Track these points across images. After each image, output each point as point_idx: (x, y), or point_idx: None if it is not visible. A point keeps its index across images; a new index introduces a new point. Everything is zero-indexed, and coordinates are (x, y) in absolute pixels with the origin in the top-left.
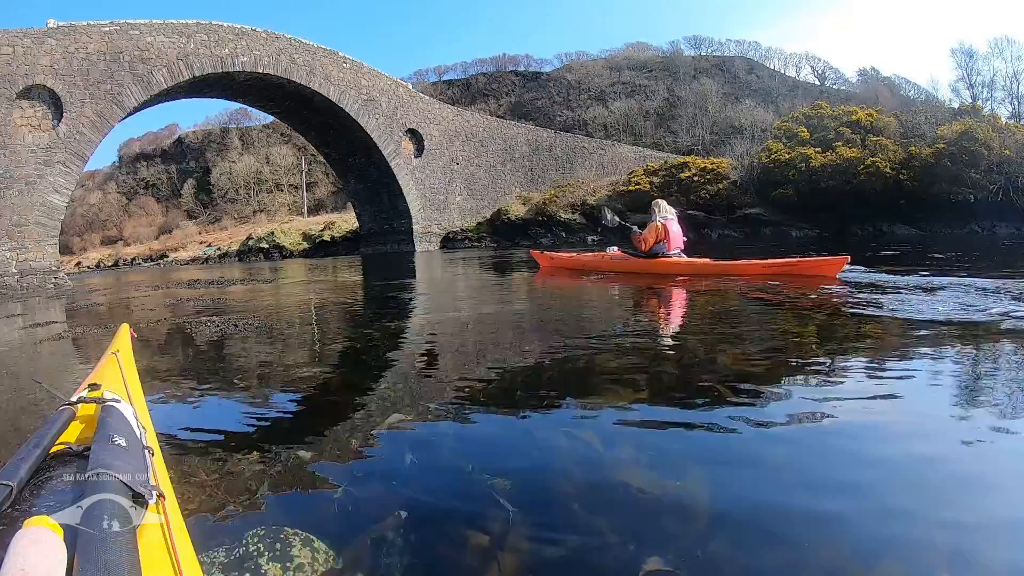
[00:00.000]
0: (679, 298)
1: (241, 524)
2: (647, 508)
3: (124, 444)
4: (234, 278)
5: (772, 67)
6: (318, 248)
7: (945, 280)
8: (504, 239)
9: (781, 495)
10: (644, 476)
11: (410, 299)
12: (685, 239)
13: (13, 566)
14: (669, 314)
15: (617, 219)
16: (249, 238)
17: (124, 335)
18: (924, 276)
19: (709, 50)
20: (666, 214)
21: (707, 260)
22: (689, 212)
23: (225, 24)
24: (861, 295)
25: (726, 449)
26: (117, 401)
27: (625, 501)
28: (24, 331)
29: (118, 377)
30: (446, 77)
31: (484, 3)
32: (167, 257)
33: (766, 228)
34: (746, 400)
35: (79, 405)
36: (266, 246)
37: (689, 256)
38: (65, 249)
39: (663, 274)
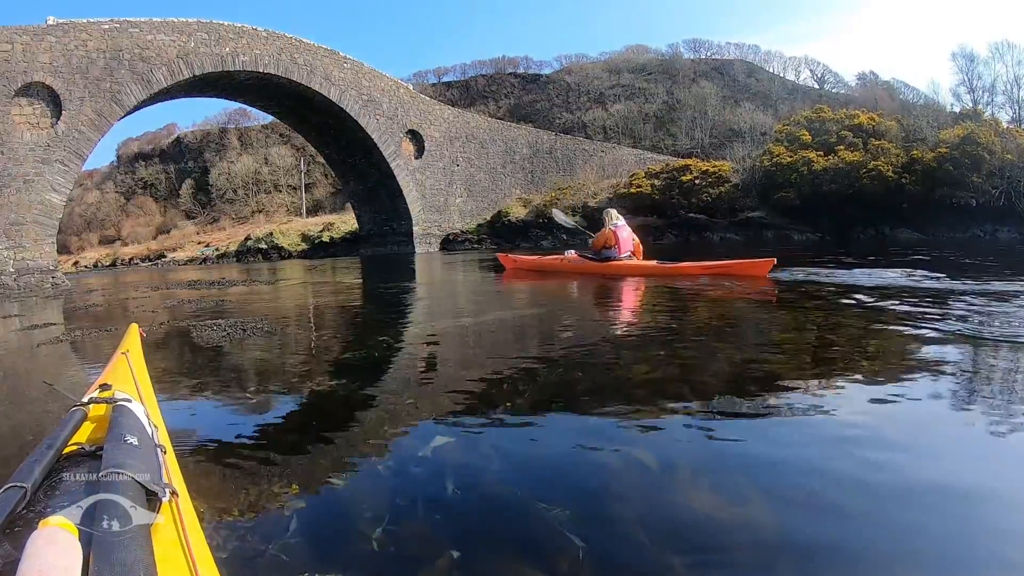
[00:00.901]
0: (672, 301)
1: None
2: (717, 538)
3: (136, 443)
4: (235, 279)
5: (771, 70)
6: (317, 249)
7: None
8: (505, 241)
9: (852, 519)
10: (707, 500)
11: (418, 303)
12: (635, 242)
13: (30, 567)
14: (671, 317)
15: (571, 220)
16: (247, 239)
17: (133, 335)
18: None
19: (708, 53)
20: (616, 222)
21: (654, 262)
22: (691, 215)
23: (226, 23)
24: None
25: (782, 465)
26: (128, 401)
27: (693, 530)
28: (22, 333)
29: (128, 377)
30: (445, 79)
31: (484, 5)
32: (165, 257)
33: (768, 231)
34: (788, 408)
35: (90, 406)
36: (264, 247)
37: (641, 259)
38: (63, 248)
39: (615, 275)
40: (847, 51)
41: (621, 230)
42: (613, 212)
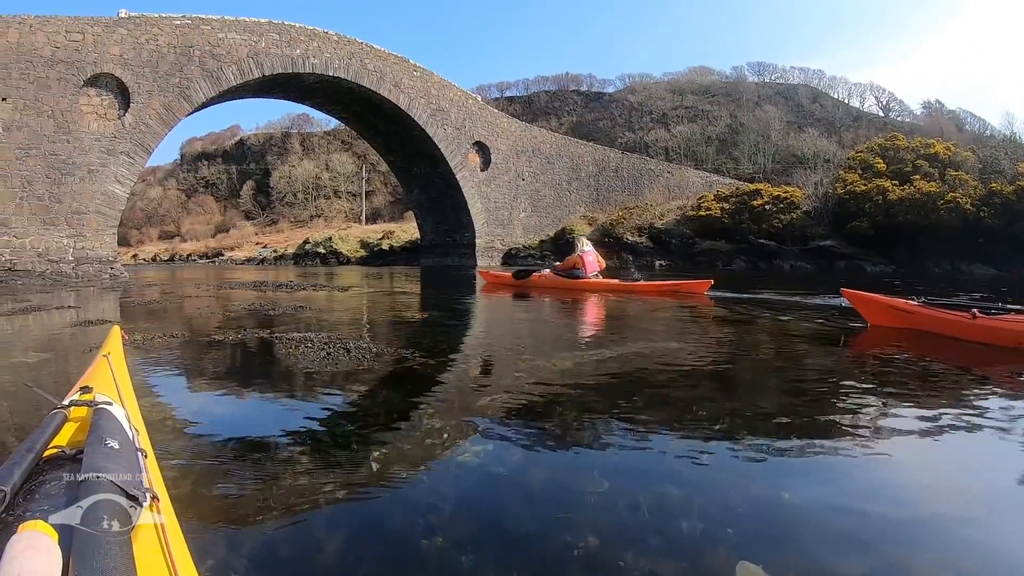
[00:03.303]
0: (733, 326)
1: None
2: None
3: (117, 447)
4: (299, 283)
5: (836, 96)
6: (375, 256)
7: None
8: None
9: None
10: None
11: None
12: (600, 264)
13: (9, 571)
14: (712, 342)
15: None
16: (306, 242)
17: (115, 337)
18: None
19: (772, 77)
20: (584, 248)
21: (616, 281)
22: (760, 241)
23: (297, 25)
24: None
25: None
26: (109, 404)
27: None
28: (76, 329)
29: (109, 379)
30: (508, 94)
31: (549, 22)
32: (222, 256)
33: (840, 261)
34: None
35: (71, 408)
36: (323, 251)
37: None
38: (123, 241)
39: (582, 290)
40: (913, 78)
41: (587, 255)
42: (583, 239)
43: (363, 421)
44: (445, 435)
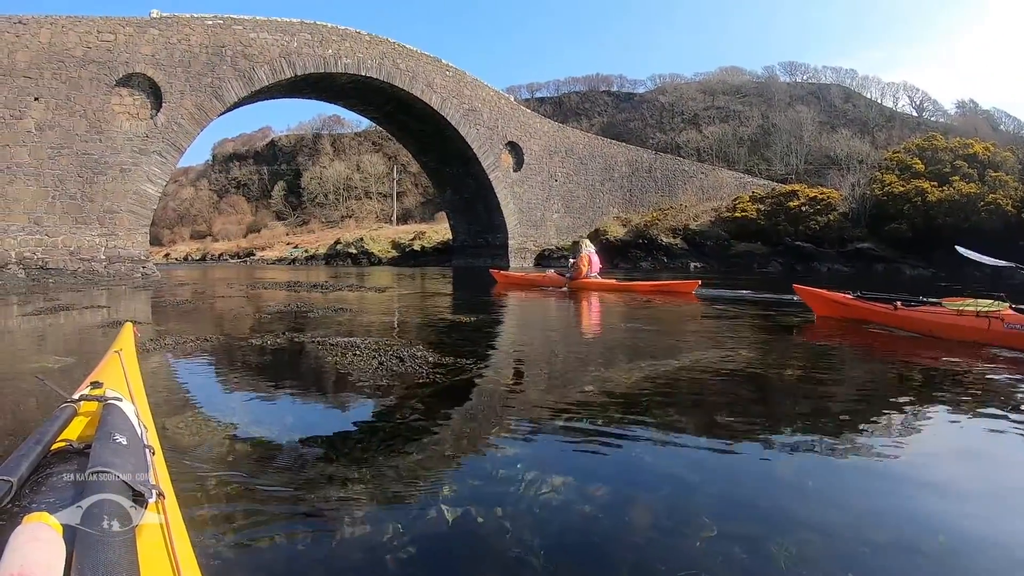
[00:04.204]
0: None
1: None
2: None
3: (125, 442)
4: (334, 284)
5: (868, 96)
6: (407, 257)
7: None
8: (601, 260)
9: None
10: None
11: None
12: (601, 266)
13: (12, 562)
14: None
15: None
16: (337, 242)
17: (127, 333)
18: None
19: (804, 77)
20: (589, 248)
21: (614, 281)
22: (797, 243)
23: (329, 25)
24: None
25: None
26: (119, 399)
27: None
28: (106, 330)
29: (120, 375)
30: (538, 95)
31: (578, 23)
32: (254, 255)
33: (878, 264)
34: None
35: (81, 403)
36: (355, 251)
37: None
38: (155, 240)
39: (586, 289)
40: (948, 77)
41: (593, 255)
42: (586, 241)
43: (427, 449)
44: (519, 465)
